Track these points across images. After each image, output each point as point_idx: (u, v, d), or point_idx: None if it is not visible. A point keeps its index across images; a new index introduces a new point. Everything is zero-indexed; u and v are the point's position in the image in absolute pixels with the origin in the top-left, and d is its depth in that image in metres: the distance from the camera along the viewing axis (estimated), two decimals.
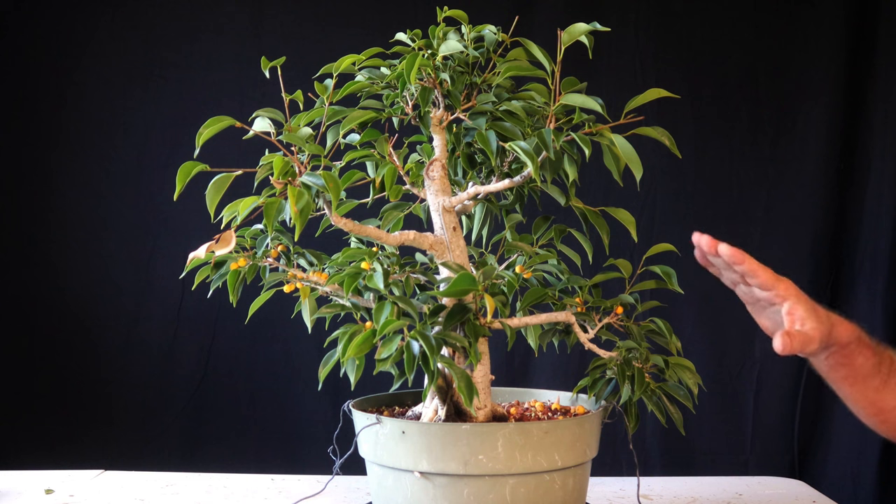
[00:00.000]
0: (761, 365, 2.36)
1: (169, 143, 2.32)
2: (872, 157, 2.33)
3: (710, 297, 2.33)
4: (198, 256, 1.03)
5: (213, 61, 2.36)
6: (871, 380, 1.17)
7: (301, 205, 0.95)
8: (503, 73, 1.10)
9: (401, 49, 1.15)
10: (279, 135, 1.04)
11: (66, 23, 2.35)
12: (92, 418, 2.33)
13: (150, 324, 2.36)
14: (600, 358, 1.15)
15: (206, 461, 2.25)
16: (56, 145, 2.36)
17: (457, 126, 1.14)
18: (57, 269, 2.35)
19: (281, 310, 1.34)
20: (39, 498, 1.47)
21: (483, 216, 1.25)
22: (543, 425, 1.05)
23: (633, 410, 1.15)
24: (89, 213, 2.36)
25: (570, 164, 1.04)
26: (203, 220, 1.06)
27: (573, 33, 1.04)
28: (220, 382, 2.37)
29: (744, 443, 2.37)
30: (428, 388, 0.98)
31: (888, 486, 2.29)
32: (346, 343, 0.99)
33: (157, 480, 1.59)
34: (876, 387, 1.18)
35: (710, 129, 2.36)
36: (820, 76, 2.34)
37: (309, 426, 2.33)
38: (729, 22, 2.38)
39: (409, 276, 1.14)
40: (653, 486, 1.56)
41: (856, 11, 2.32)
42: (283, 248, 1.17)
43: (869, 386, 1.18)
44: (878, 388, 1.18)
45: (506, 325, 1.09)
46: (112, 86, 2.36)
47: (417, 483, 1.05)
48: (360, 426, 1.11)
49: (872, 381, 1.17)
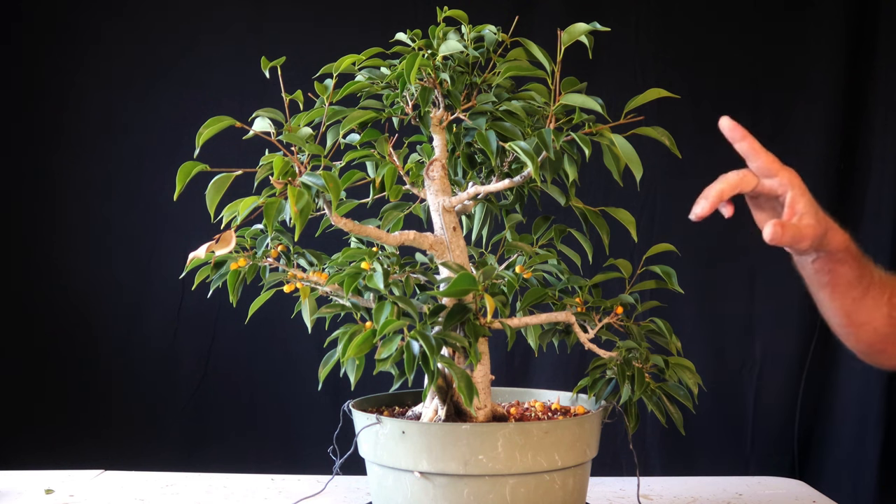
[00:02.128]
0: (761, 365, 2.36)
1: (169, 143, 2.32)
2: (872, 157, 2.33)
3: (710, 297, 2.33)
4: (198, 256, 1.03)
5: (213, 61, 2.36)
6: (850, 290, 1.16)
7: (301, 205, 0.95)
8: (503, 73, 1.10)
9: (401, 49, 1.15)
10: (279, 135, 1.04)
11: (66, 24, 2.35)
12: (92, 418, 2.34)
13: (150, 324, 2.36)
14: (600, 358, 1.15)
15: (206, 461, 2.25)
16: (57, 146, 2.36)
17: (457, 126, 1.14)
18: (58, 269, 2.35)
19: (281, 310, 1.34)
20: (39, 498, 1.47)
21: (483, 216, 1.25)
22: (543, 425, 1.05)
23: (633, 410, 1.15)
24: (90, 213, 2.36)
25: (570, 164, 1.04)
26: (203, 220, 1.06)
27: (573, 33, 1.04)
28: (220, 382, 2.37)
29: (744, 443, 2.37)
30: (428, 388, 0.98)
31: (888, 486, 2.29)
32: (346, 343, 0.99)
33: (157, 480, 1.59)
34: (854, 297, 1.17)
35: (710, 129, 2.36)
36: (820, 76, 2.34)
37: (309, 426, 2.33)
38: (729, 22, 2.38)
39: (409, 276, 1.14)
40: (653, 486, 1.56)
41: (856, 11, 2.32)
42: (283, 248, 1.17)
43: (847, 296, 1.17)
44: (855, 299, 1.17)
45: (506, 325, 1.09)
46: (112, 86, 2.36)
47: (417, 483, 1.05)
48: (360, 426, 1.11)
49: (852, 292, 1.16)
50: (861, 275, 1.16)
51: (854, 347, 1.26)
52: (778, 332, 2.35)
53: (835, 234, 1.11)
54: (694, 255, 2.20)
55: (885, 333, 1.20)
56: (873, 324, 1.19)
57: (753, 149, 1.07)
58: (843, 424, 2.33)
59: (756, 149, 1.07)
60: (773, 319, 2.35)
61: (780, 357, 2.35)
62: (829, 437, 2.36)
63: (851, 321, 1.20)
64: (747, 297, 2.36)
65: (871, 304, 1.18)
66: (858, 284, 1.16)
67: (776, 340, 2.35)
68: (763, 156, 1.07)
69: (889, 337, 1.20)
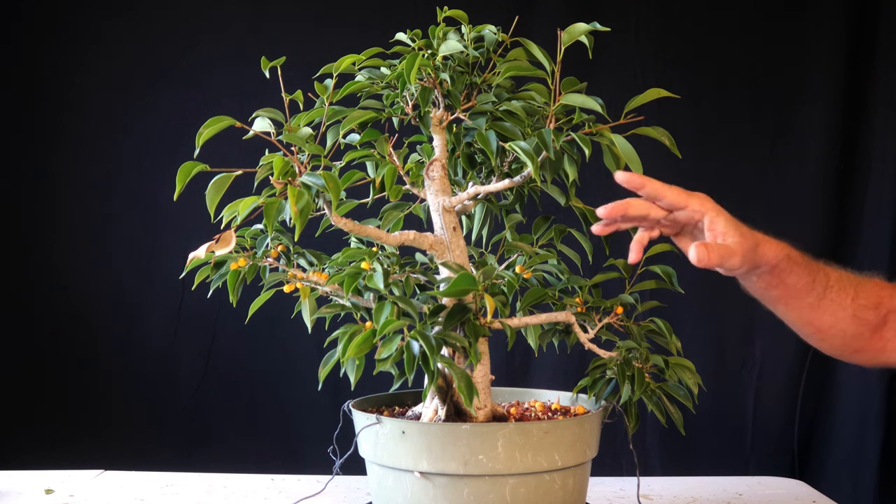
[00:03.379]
0: (761, 365, 2.36)
1: (169, 143, 2.32)
2: (872, 157, 2.33)
3: (710, 297, 2.33)
4: (198, 256, 1.03)
5: (213, 61, 2.36)
6: (805, 297, 1.12)
7: (301, 205, 0.95)
8: (503, 73, 1.10)
9: (401, 49, 1.15)
10: (279, 135, 1.04)
11: (66, 24, 2.35)
12: (92, 418, 2.33)
13: (150, 324, 2.36)
14: (600, 358, 1.15)
15: (206, 461, 2.25)
16: (57, 146, 2.36)
17: (457, 126, 1.14)
18: (58, 269, 2.35)
19: (281, 310, 1.34)
20: (39, 498, 1.47)
21: (483, 216, 1.25)
22: (543, 425, 1.05)
23: (633, 410, 1.15)
24: (90, 213, 2.36)
25: (570, 164, 1.04)
26: (203, 220, 1.06)
27: (573, 33, 1.04)
28: (220, 382, 2.37)
29: (744, 443, 2.37)
30: (428, 388, 0.98)
31: (888, 486, 2.29)
32: (346, 343, 0.99)
33: (157, 480, 1.59)
34: (811, 304, 1.13)
35: (710, 129, 2.36)
36: (820, 76, 2.34)
37: (309, 426, 2.33)
38: (729, 22, 2.38)
39: (409, 276, 1.14)
40: (653, 486, 1.56)
41: (856, 11, 2.32)
42: (283, 248, 1.17)
43: (804, 304, 1.13)
44: (813, 305, 1.13)
45: (506, 325, 1.09)
46: (112, 86, 2.36)
47: (417, 483, 1.05)
48: (360, 426, 1.11)
49: (807, 299, 1.13)
50: (813, 280, 1.12)
51: (829, 352, 1.22)
52: (778, 333, 2.34)
53: (768, 247, 1.07)
54: None
55: (854, 333, 1.17)
56: (839, 325, 1.15)
57: (657, 190, 1.03)
58: (843, 424, 2.33)
59: (659, 188, 1.03)
60: (774, 319, 2.34)
61: (781, 357, 2.35)
62: (829, 438, 2.36)
63: (815, 328, 1.17)
64: (747, 297, 2.35)
65: (831, 307, 1.14)
66: (812, 290, 1.12)
67: (776, 340, 2.34)
68: (668, 192, 1.04)
69: (860, 336, 1.17)
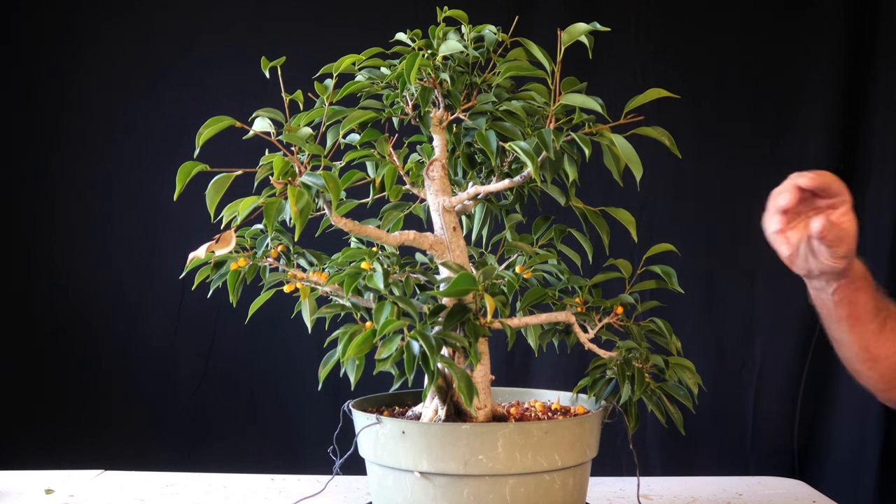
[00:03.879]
0: (761, 365, 2.36)
1: (169, 143, 2.32)
2: (872, 157, 2.33)
3: (710, 297, 2.33)
4: (198, 256, 1.03)
5: (213, 61, 2.36)
6: (868, 323, 1.18)
7: (301, 205, 0.95)
8: (503, 73, 1.10)
9: (401, 49, 1.15)
10: (279, 135, 1.04)
11: (66, 23, 2.35)
12: (92, 418, 2.33)
13: (150, 324, 2.36)
14: (600, 358, 1.15)
15: (206, 461, 2.25)
16: (57, 146, 2.36)
17: (457, 126, 1.14)
18: (58, 269, 2.35)
19: (281, 310, 1.34)
20: (39, 498, 1.47)
21: (483, 216, 1.25)
22: (543, 425, 1.05)
23: (633, 410, 1.15)
24: (90, 213, 2.36)
25: (570, 164, 1.04)
26: (203, 220, 1.06)
27: (573, 33, 1.04)
28: (220, 382, 2.37)
29: (744, 443, 2.37)
30: (428, 388, 0.98)
31: (888, 486, 2.29)
32: (346, 343, 0.99)
33: (157, 480, 1.59)
34: (873, 330, 1.19)
35: (710, 129, 2.36)
36: (820, 76, 2.34)
37: (309, 426, 2.33)
38: (729, 22, 2.38)
39: (409, 276, 1.14)
40: (653, 486, 1.56)
41: (856, 11, 2.32)
42: (283, 248, 1.17)
43: (867, 329, 1.19)
44: (875, 332, 1.19)
45: (506, 325, 1.09)
46: (112, 86, 2.36)
47: (417, 483, 1.05)
48: (360, 426, 1.11)
49: (870, 325, 1.18)
50: (878, 307, 1.18)
51: (869, 383, 1.27)
52: (778, 333, 2.35)
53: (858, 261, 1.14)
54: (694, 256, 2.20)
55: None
56: (892, 359, 1.20)
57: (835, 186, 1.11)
58: (843, 425, 2.33)
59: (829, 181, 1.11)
60: (774, 320, 2.35)
61: (781, 357, 2.35)
62: (829, 438, 2.36)
63: (870, 355, 1.21)
64: (747, 297, 2.36)
65: (889, 338, 1.19)
66: (877, 316, 1.18)
67: (776, 340, 2.34)
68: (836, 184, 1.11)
69: None
